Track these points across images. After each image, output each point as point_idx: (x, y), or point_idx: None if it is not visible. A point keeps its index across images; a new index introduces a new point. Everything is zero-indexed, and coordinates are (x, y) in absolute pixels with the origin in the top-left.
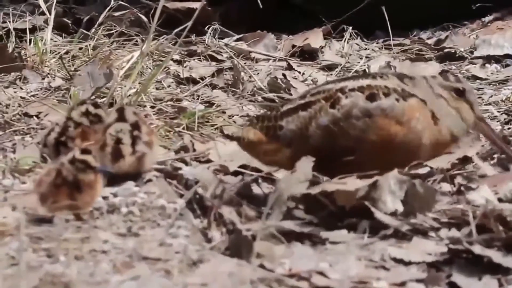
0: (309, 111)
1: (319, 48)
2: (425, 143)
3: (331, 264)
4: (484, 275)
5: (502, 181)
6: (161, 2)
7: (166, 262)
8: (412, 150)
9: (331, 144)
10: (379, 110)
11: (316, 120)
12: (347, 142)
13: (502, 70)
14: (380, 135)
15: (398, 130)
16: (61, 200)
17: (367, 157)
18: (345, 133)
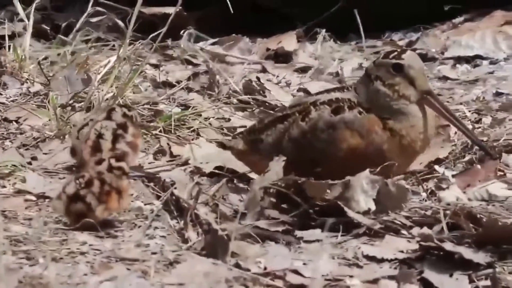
0: (285, 124)
1: (293, 51)
2: (389, 155)
3: (305, 263)
4: (455, 271)
5: (472, 179)
6: (137, 7)
7: (143, 262)
8: (375, 162)
9: (301, 156)
10: (342, 124)
11: (289, 133)
12: (314, 154)
13: (472, 70)
14: (343, 148)
15: (360, 143)
16: (112, 206)
17: (333, 169)
18: (311, 145)
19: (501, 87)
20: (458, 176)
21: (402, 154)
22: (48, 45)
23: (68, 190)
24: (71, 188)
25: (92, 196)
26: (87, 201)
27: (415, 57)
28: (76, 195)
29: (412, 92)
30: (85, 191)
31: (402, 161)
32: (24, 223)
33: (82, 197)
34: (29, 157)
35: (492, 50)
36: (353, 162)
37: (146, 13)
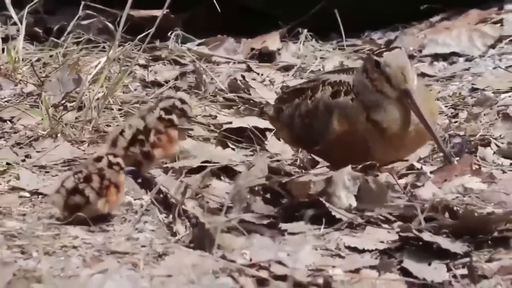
0: (299, 99)
1: (276, 50)
2: (372, 146)
3: (289, 254)
4: (433, 261)
5: (449, 174)
6: (125, 10)
7: (133, 255)
8: (360, 151)
9: (305, 132)
10: (336, 108)
11: (299, 109)
12: (313, 133)
13: (449, 67)
14: (333, 132)
15: (346, 130)
16: (111, 200)
17: (328, 151)
18: (312, 124)
19: (477, 83)
20: (435, 172)
21: (386, 146)
22: (41, 47)
23: (67, 184)
24: (70, 183)
25: (91, 190)
26: (85, 195)
27: (396, 56)
28: (75, 189)
29: (389, 90)
30: (84, 185)
31: (386, 153)
32: (18, 218)
33: (81, 190)
34: (23, 155)
35: (468, 47)
36: (342, 148)
37: (134, 16)
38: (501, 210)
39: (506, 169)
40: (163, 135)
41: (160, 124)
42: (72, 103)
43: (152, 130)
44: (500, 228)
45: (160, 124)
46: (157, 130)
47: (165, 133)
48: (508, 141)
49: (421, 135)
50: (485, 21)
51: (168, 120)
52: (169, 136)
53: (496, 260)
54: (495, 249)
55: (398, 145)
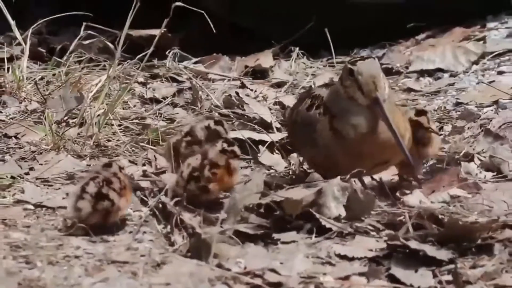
0: (295, 106)
1: (269, 68)
2: (334, 156)
3: (282, 262)
4: (420, 268)
5: (437, 185)
6: (124, 30)
7: (132, 264)
8: (328, 163)
9: (293, 139)
10: (307, 122)
11: (292, 116)
12: (297, 142)
13: (434, 83)
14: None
15: (314, 143)
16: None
17: (308, 161)
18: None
19: (461, 98)
20: (424, 183)
21: (347, 154)
22: (44, 66)
23: (90, 189)
24: (93, 188)
25: (114, 193)
26: (110, 198)
27: (369, 65)
28: (100, 193)
29: (360, 97)
30: (107, 189)
31: (350, 162)
32: (23, 230)
33: (106, 195)
34: (27, 169)
35: (452, 63)
36: (314, 159)
37: (133, 36)
38: (485, 219)
39: (488, 181)
40: (220, 169)
41: (221, 158)
42: (74, 119)
43: (206, 166)
44: (483, 236)
45: (222, 157)
46: (212, 164)
47: (224, 166)
48: (490, 155)
49: (388, 145)
50: (468, 38)
51: (231, 152)
52: (229, 168)
53: (480, 266)
54: (478, 256)
55: (361, 153)
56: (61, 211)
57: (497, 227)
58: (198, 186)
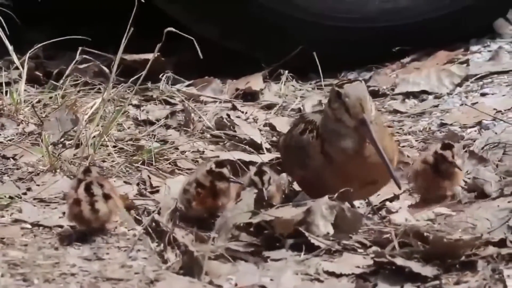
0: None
1: (259, 90)
2: (325, 179)
3: (272, 279)
4: (405, 283)
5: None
6: (119, 54)
7: (127, 281)
8: (318, 185)
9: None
10: (299, 146)
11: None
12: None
13: (419, 104)
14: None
15: (304, 167)
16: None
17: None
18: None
19: (445, 119)
20: (411, 206)
21: (336, 176)
22: (41, 89)
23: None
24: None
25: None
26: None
27: (355, 88)
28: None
29: (347, 119)
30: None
31: (339, 185)
32: (20, 248)
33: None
34: (25, 189)
35: (437, 86)
36: (306, 181)
37: (127, 60)
38: (468, 237)
39: (472, 201)
40: (204, 190)
41: (206, 179)
42: (70, 141)
43: (193, 184)
44: (467, 253)
45: (207, 178)
46: (198, 183)
47: (209, 187)
48: (474, 176)
49: (375, 166)
50: (452, 61)
51: (217, 173)
52: (214, 190)
53: (464, 282)
54: (462, 272)
55: (349, 175)
56: (57, 230)
57: (480, 244)
58: (186, 199)
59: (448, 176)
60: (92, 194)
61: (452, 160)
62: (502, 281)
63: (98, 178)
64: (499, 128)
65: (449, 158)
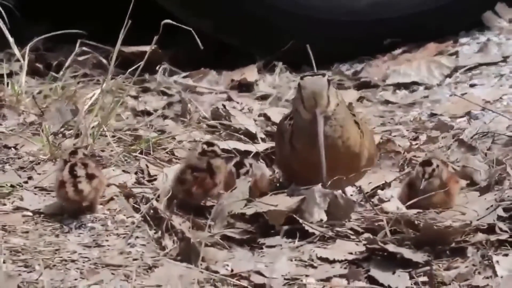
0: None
1: (254, 82)
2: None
3: (266, 265)
4: (397, 269)
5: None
6: (117, 46)
7: (125, 268)
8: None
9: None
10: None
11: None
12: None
13: (410, 95)
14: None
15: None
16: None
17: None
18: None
19: (435, 109)
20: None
21: (301, 165)
22: (42, 81)
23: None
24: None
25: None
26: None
27: (314, 81)
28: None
29: (302, 111)
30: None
31: (305, 172)
32: (22, 235)
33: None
34: (26, 178)
35: (427, 77)
36: (280, 165)
37: (125, 52)
38: (458, 224)
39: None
40: (201, 172)
41: (202, 160)
42: (70, 131)
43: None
44: (457, 240)
45: (203, 158)
46: (193, 168)
47: (206, 167)
48: (463, 165)
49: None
50: (442, 53)
51: (211, 152)
52: (211, 169)
53: (454, 268)
54: (453, 258)
55: (311, 164)
56: (57, 217)
57: (470, 231)
58: (184, 190)
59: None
60: (75, 176)
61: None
62: (491, 267)
63: (83, 159)
64: (487, 118)
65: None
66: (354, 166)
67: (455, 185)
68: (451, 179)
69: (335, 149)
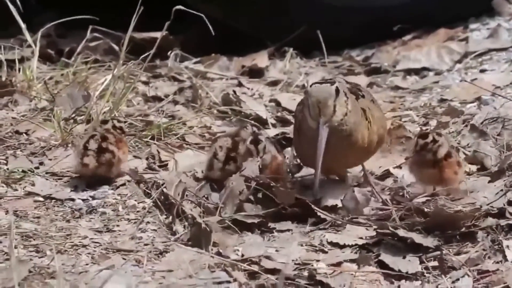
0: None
1: (264, 67)
2: None
3: (277, 250)
4: (407, 254)
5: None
6: (128, 33)
7: (137, 253)
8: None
9: None
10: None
11: None
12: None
13: (420, 81)
14: None
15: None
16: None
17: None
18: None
19: (445, 95)
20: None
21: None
22: (53, 67)
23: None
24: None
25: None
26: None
27: (321, 90)
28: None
29: (308, 118)
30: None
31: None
32: (33, 220)
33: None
34: (37, 164)
35: (437, 62)
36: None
37: (137, 38)
38: (468, 208)
39: (472, 173)
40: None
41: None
42: (81, 116)
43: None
44: (467, 224)
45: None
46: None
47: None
48: (474, 150)
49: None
50: (452, 39)
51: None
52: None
53: (464, 253)
54: (463, 243)
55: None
56: (69, 203)
57: (479, 216)
58: (236, 166)
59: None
60: (86, 148)
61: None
62: (501, 252)
63: (108, 130)
64: (497, 103)
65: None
66: (361, 161)
67: (456, 168)
68: (452, 160)
69: (342, 157)
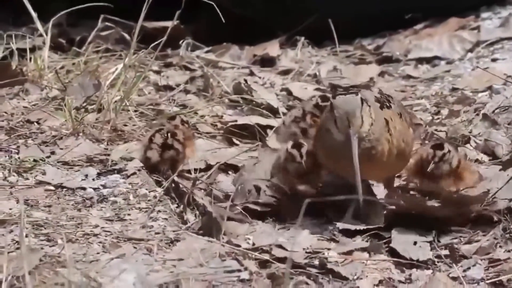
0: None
1: (276, 56)
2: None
3: (288, 239)
4: (419, 240)
5: None
6: (139, 22)
7: (147, 241)
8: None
9: None
10: None
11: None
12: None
13: (432, 70)
14: None
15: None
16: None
17: None
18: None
19: (456, 84)
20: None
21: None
22: (64, 56)
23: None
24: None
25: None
26: (175, 148)
27: (347, 101)
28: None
29: (335, 131)
30: (171, 140)
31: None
32: (44, 209)
33: (171, 145)
34: (48, 153)
35: (449, 51)
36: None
37: (148, 27)
38: (477, 192)
39: (486, 163)
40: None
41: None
42: (93, 105)
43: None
44: (477, 209)
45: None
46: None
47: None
48: (485, 138)
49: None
50: (463, 28)
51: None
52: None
53: (475, 241)
54: (474, 231)
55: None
56: (80, 192)
57: (489, 200)
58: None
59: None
60: (152, 141)
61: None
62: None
63: (176, 127)
64: (509, 92)
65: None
66: (382, 174)
67: (469, 175)
68: (464, 168)
69: (364, 170)
